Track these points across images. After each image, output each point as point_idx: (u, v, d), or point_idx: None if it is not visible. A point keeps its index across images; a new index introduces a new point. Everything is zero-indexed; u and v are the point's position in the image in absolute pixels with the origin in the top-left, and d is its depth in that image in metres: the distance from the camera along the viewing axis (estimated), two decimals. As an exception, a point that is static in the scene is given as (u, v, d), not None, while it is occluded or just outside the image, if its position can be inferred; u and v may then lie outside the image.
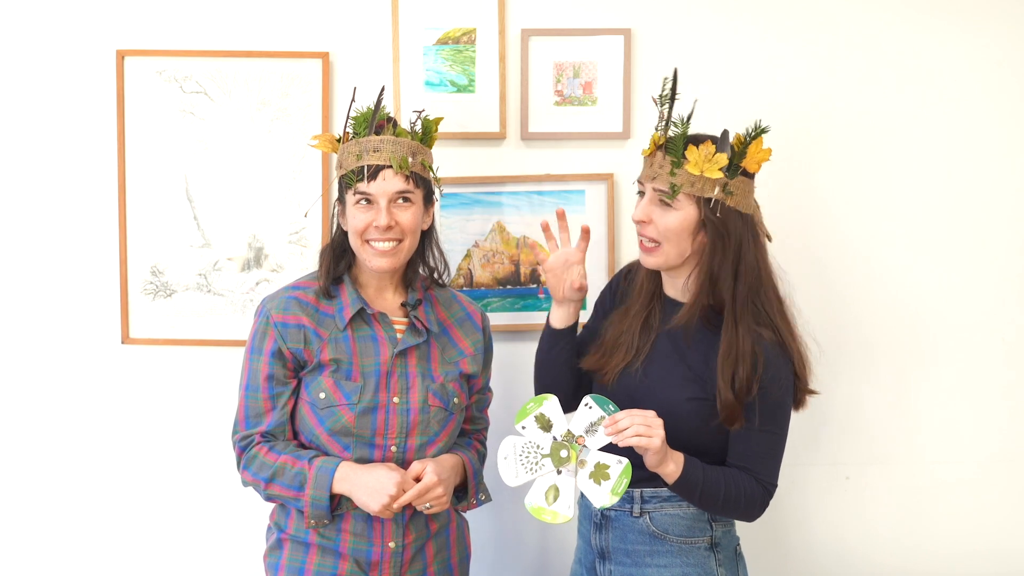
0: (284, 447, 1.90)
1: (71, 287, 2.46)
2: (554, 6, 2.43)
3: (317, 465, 1.85)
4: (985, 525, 2.56)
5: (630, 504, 1.91)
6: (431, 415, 1.94)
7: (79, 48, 2.42)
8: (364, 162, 1.88)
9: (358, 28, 2.43)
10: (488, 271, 2.47)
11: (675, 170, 1.82)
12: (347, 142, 1.93)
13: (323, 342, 1.90)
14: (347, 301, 1.94)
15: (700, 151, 1.80)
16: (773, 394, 1.83)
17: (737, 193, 1.83)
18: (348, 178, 1.90)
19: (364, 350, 1.92)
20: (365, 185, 1.89)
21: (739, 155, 1.83)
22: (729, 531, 1.95)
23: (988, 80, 2.47)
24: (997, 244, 2.50)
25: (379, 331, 1.95)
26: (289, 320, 1.91)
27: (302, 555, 1.92)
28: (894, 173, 2.48)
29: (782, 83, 2.45)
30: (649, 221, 1.86)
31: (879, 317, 2.50)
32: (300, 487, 1.85)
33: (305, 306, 1.92)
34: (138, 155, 2.42)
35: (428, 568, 1.99)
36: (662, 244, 1.85)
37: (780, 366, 1.83)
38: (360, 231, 1.90)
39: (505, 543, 2.54)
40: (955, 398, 2.53)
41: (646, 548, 1.90)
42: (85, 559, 2.52)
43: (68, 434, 2.50)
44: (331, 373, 1.89)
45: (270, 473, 1.87)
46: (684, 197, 1.82)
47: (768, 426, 1.84)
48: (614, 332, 1.98)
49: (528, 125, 2.44)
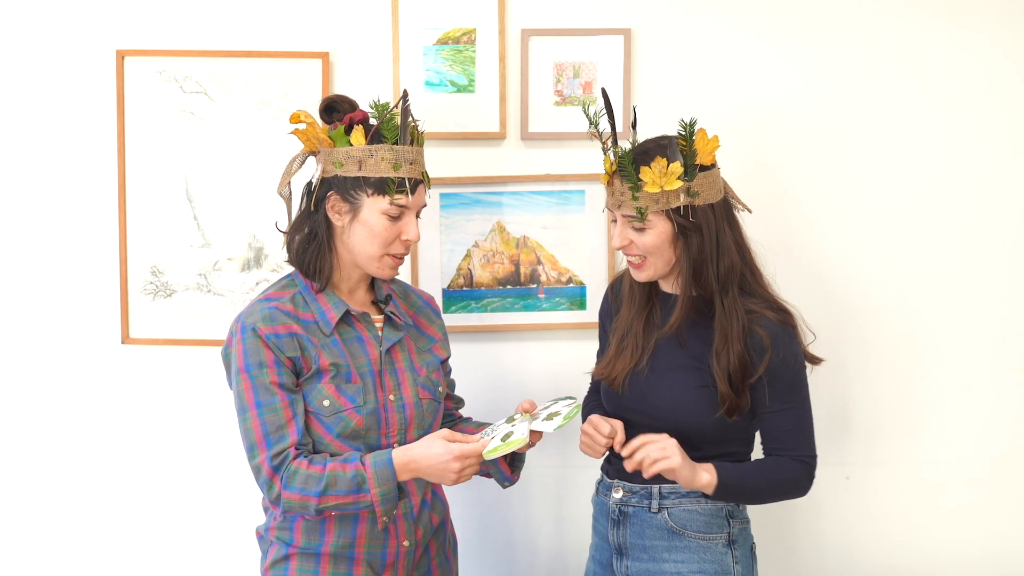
0: (320, 457, 1.81)
1: (71, 287, 2.46)
2: (554, 6, 2.43)
3: (370, 463, 1.79)
4: (986, 525, 2.56)
5: (648, 499, 1.92)
6: (424, 408, 1.95)
7: (79, 48, 2.42)
8: (404, 174, 1.84)
9: (358, 28, 2.43)
10: (488, 271, 2.48)
11: (636, 194, 1.85)
12: (373, 144, 1.85)
13: (318, 348, 1.86)
14: (327, 305, 1.89)
15: (654, 169, 1.83)
16: (785, 375, 1.86)
17: (703, 190, 1.85)
18: (386, 187, 1.84)
19: (354, 352, 1.89)
20: (407, 199, 1.85)
21: (690, 156, 1.85)
22: (745, 528, 1.97)
23: (989, 78, 2.47)
24: (997, 244, 2.50)
25: (363, 331, 1.92)
26: (280, 330, 1.83)
27: (314, 565, 1.89)
28: (894, 173, 2.48)
29: (782, 83, 2.45)
30: (629, 243, 1.90)
31: (878, 317, 2.50)
32: (359, 489, 1.78)
33: (288, 315, 1.85)
34: (138, 155, 2.42)
35: (432, 562, 2.00)
36: (647, 258, 1.90)
37: (787, 343, 1.87)
38: (388, 243, 1.87)
39: (520, 542, 2.54)
40: (956, 398, 2.52)
41: (664, 544, 1.91)
42: (85, 559, 2.52)
43: (68, 434, 2.50)
44: (331, 379, 1.85)
45: (322, 485, 1.77)
46: (653, 215, 1.85)
47: (790, 403, 1.88)
48: (617, 337, 2.00)
49: (528, 125, 2.44)
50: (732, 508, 1.93)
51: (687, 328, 1.90)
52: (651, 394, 1.91)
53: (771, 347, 1.84)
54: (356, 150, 1.84)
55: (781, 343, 1.86)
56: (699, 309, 1.90)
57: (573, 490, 2.53)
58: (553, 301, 2.48)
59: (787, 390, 1.87)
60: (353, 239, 1.87)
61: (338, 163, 1.85)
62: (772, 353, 1.84)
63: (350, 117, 1.87)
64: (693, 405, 1.88)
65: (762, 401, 1.87)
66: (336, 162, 1.85)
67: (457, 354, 2.42)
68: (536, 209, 2.46)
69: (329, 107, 1.89)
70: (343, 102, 1.90)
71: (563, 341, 2.50)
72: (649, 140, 1.91)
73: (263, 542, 1.97)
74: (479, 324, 2.47)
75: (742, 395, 1.86)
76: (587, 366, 2.48)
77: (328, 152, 1.87)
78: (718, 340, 1.86)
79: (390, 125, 1.86)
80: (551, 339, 2.50)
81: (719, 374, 1.85)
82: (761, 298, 1.90)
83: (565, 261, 2.48)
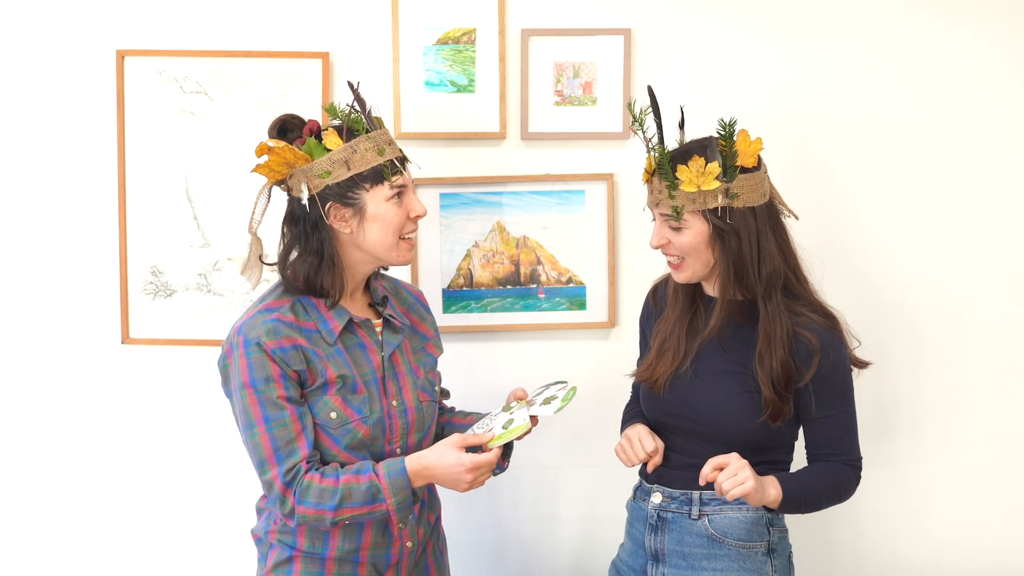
0: (332, 469, 1.80)
1: (71, 287, 2.46)
2: (554, 6, 2.43)
3: (384, 473, 1.79)
4: (986, 526, 2.56)
5: (688, 506, 1.90)
6: (424, 410, 1.94)
7: (79, 48, 2.41)
8: (390, 155, 1.85)
9: (358, 28, 2.43)
10: (488, 271, 2.48)
11: (672, 192, 1.83)
12: (349, 141, 1.83)
13: (323, 359, 1.83)
14: (328, 313, 1.86)
15: (691, 168, 1.81)
16: (835, 381, 1.85)
17: (743, 192, 1.82)
18: (381, 174, 1.83)
19: (357, 360, 1.87)
20: (403, 177, 1.86)
21: (730, 157, 1.83)
22: (784, 537, 1.94)
23: (991, 77, 2.47)
24: (997, 243, 2.50)
25: (364, 337, 1.90)
26: (284, 344, 1.80)
27: (319, 568, 1.88)
28: (894, 173, 2.48)
29: (782, 83, 2.45)
30: (667, 243, 1.88)
31: (879, 318, 2.50)
32: (374, 499, 1.78)
33: (291, 326, 1.82)
34: (138, 155, 2.42)
35: (428, 559, 2.01)
36: (686, 259, 1.88)
37: (835, 348, 1.85)
38: (400, 226, 1.86)
39: (539, 542, 2.55)
40: (1001, 398, 2.53)
41: (703, 551, 1.88)
42: (85, 558, 2.52)
43: (68, 434, 2.50)
44: (338, 391, 1.83)
45: (337, 499, 1.76)
46: (690, 215, 1.84)
47: (838, 409, 1.86)
48: (659, 340, 1.98)
49: (528, 125, 2.44)
50: (772, 516, 1.90)
51: (731, 332, 1.88)
52: (693, 399, 1.89)
53: (820, 352, 1.82)
54: (337, 152, 1.82)
55: (830, 348, 1.83)
56: (743, 313, 1.87)
57: (568, 490, 2.54)
58: (553, 301, 2.48)
59: (836, 396, 1.85)
60: (368, 237, 1.85)
61: (324, 173, 1.82)
62: (821, 358, 1.82)
63: (309, 128, 1.86)
64: (737, 410, 1.85)
65: (808, 407, 1.85)
66: (322, 173, 1.82)
67: (457, 354, 2.43)
68: (536, 209, 2.46)
69: (282, 128, 1.86)
70: (292, 119, 1.88)
71: (563, 341, 2.50)
72: (694, 140, 1.89)
73: (262, 544, 1.95)
74: (479, 324, 2.47)
75: (786, 401, 1.83)
76: (587, 366, 2.50)
77: (307, 168, 1.82)
78: (761, 343, 1.83)
79: (355, 118, 1.85)
80: (551, 339, 2.50)
81: (763, 379, 1.82)
82: (806, 302, 1.88)
83: (565, 261, 2.48)
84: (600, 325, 2.48)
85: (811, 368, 1.82)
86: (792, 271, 1.88)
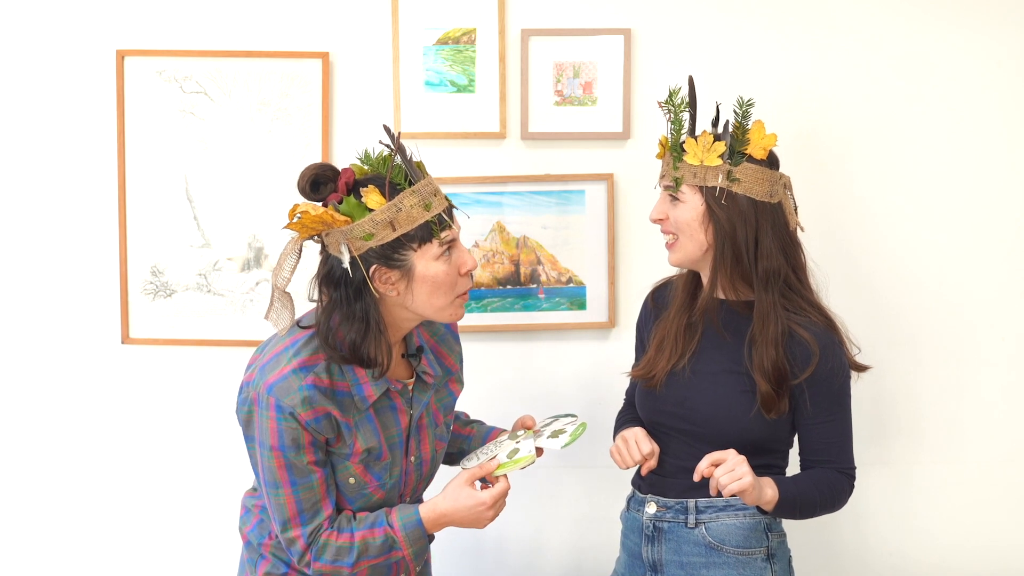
0: (347, 522, 1.76)
1: (71, 287, 2.47)
2: (554, 6, 2.43)
3: (399, 525, 1.75)
4: (987, 526, 2.56)
5: (684, 515, 1.87)
6: (437, 457, 1.90)
7: (79, 48, 2.42)
8: (437, 209, 1.68)
9: (358, 28, 2.43)
10: (488, 271, 2.47)
11: (676, 164, 1.85)
12: (393, 199, 1.66)
13: (353, 431, 1.73)
14: (365, 378, 1.73)
15: (698, 142, 1.83)
16: (832, 385, 1.84)
17: (745, 180, 1.82)
18: (429, 232, 1.67)
19: (386, 423, 1.78)
20: (452, 231, 1.71)
21: (739, 141, 1.84)
22: (783, 541, 1.92)
23: (990, 78, 2.47)
24: (997, 243, 2.50)
25: (396, 398, 1.79)
26: (319, 414, 1.69)
27: None
28: (894, 175, 2.48)
29: (783, 83, 2.45)
30: (665, 218, 1.89)
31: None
32: (390, 549, 1.75)
33: (325, 392, 1.69)
34: (138, 155, 2.42)
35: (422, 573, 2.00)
36: (679, 237, 1.88)
37: (835, 353, 1.84)
38: (453, 284, 1.72)
39: (536, 543, 2.55)
40: (954, 399, 2.52)
41: (702, 560, 1.85)
42: (84, 558, 2.52)
43: (68, 434, 2.50)
44: (361, 459, 1.75)
45: (355, 555, 1.73)
46: (688, 189, 1.84)
47: (835, 415, 1.85)
48: (657, 337, 1.96)
49: (528, 125, 2.44)
50: (770, 521, 1.87)
51: (730, 331, 1.87)
52: (690, 397, 1.87)
53: (819, 354, 1.80)
54: (380, 213, 1.64)
55: (829, 353, 1.82)
56: (742, 312, 1.86)
57: (564, 491, 2.54)
58: (553, 301, 2.48)
59: (832, 402, 1.84)
60: (417, 300, 1.71)
61: (367, 235, 1.65)
62: (820, 361, 1.80)
63: (345, 182, 1.68)
64: (734, 410, 1.83)
65: (804, 409, 1.83)
66: (364, 235, 1.64)
67: (457, 354, 2.42)
68: (536, 209, 2.46)
69: (315, 182, 1.68)
70: (325, 171, 1.69)
71: (563, 341, 2.50)
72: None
73: (252, 550, 1.90)
74: (479, 324, 2.47)
75: (781, 396, 1.82)
76: (587, 366, 2.50)
77: (347, 230, 1.65)
78: (756, 326, 1.82)
79: (397, 169, 1.68)
80: (551, 339, 2.50)
81: (756, 369, 1.81)
82: (807, 302, 1.87)
83: (565, 261, 2.48)
84: (600, 325, 2.48)
85: (807, 369, 1.80)
86: (795, 273, 1.87)
